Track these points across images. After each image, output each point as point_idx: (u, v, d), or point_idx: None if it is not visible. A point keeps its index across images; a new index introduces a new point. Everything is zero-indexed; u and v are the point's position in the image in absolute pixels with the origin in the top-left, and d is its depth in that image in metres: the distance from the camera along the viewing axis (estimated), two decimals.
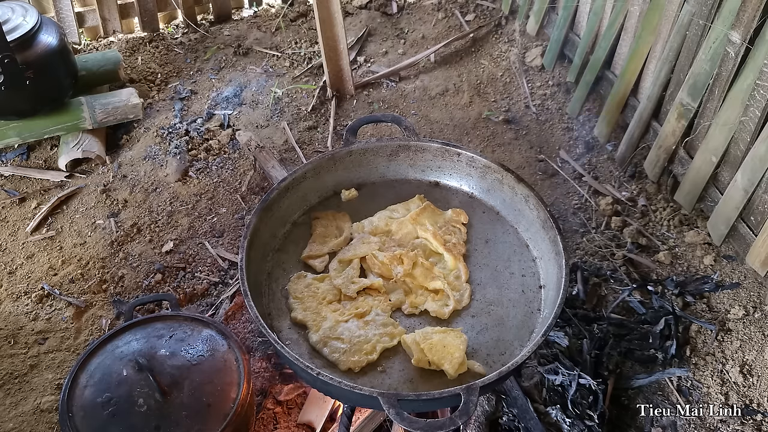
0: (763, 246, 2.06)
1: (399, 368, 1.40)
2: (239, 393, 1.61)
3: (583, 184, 2.57)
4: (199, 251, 2.38)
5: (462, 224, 1.65)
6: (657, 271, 2.23)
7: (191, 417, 1.55)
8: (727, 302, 2.09)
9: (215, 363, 1.66)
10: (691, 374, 1.95)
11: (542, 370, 1.90)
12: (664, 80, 2.37)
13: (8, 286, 2.27)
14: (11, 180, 2.61)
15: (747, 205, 2.11)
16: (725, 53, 2.05)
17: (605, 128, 2.69)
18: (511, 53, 3.13)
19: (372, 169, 1.76)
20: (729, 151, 2.14)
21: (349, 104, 2.98)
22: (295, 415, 1.93)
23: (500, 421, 1.84)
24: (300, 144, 2.78)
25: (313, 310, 1.47)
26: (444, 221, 1.64)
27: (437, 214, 1.66)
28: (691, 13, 2.17)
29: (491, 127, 2.85)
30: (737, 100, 2.04)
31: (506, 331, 1.47)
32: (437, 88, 3.03)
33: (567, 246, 1.48)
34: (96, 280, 2.28)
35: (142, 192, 2.57)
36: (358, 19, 3.42)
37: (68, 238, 2.41)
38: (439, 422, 1.17)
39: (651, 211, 2.43)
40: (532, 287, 1.55)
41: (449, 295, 1.50)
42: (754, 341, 1.98)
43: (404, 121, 1.76)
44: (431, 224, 1.62)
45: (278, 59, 3.20)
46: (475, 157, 1.69)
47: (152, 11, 3.29)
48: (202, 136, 2.78)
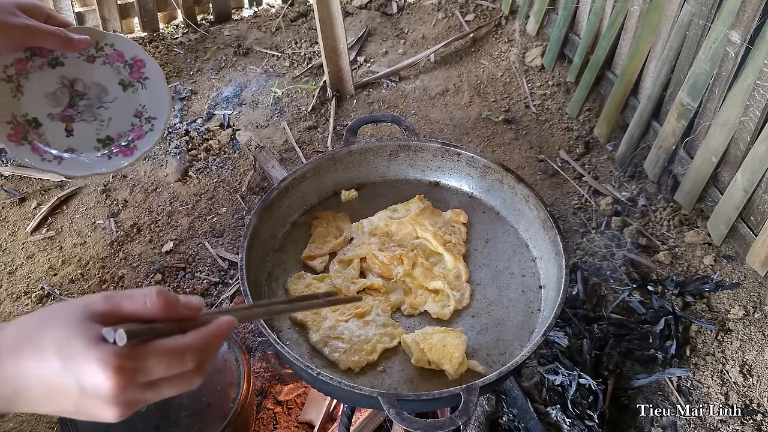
0: (763, 246, 2.06)
1: (399, 368, 1.40)
2: (239, 393, 1.61)
3: (583, 184, 2.58)
4: (199, 251, 2.38)
5: (462, 224, 1.65)
6: (657, 271, 2.23)
7: (191, 417, 1.55)
8: (727, 302, 2.09)
9: (215, 363, 1.66)
10: (691, 374, 1.95)
11: (542, 370, 1.90)
12: (664, 80, 2.37)
13: (8, 286, 2.27)
14: (11, 180, 2.61)
15: (747, 205, 2.11)
16: (725, 53, 2.05)
17: (605, 128, 2.69)
18: (511, 53, 3.13)
19: (372, 169, 1.76)
20: (729, 151, 2.14)
21: (349, 104, 2.98)
22: (295, 415, 1.93)
23: (500, 421, 1.84)
24: (300, 144, 2.78)
25: (313, 310, 1.46)
26: (444, 221, 1.64)
27: (437, 215, 1.66)
28: (691, 13, 2.17)
29: (491, 127, 2.85)
30: (737, 100, 2.04)
31: (506, 331, 1.47)
32: (437, 88, 3.03)
33: (567, 246, 1.48)
34: (96, 280, 2.28)
35: (142, 192, 2.57)
36: (358, 19, 3.42)
37: (68, 238, 2.41)
38: (439, 422, 1.17)
39: (651, 211, 2.43)
40: (532, 287, 1.55)
41: (450, 295, 1.49)
42: (754, 341, 1.98)
43: (404, 121, 1.76)
44: (431, 224, 1.61)
45: (278, 59, 3.20)
46: (475, 157, 1.69)
47: (152, 11, 3.28)
48: (202, 136, 2.78)
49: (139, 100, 1.32)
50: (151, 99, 1.32)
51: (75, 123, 1.26)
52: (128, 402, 0.73)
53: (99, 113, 1.28)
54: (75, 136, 1.25)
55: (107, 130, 1.28)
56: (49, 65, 1.24)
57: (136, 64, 1.30)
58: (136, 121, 1.31)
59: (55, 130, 1.24)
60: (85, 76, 1.28)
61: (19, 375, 0.73)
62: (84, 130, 1.26)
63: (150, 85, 1.32)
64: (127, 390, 0.72)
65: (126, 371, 0.71)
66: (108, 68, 1.30)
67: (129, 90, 1.31)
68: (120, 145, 1.29)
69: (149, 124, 1.31)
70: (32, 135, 1.21)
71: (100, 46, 1.28)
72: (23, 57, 1.21)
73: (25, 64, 1.21)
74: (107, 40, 1.29)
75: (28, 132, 1.21)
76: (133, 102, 1.31)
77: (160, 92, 1.32)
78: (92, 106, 1.28)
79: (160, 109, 1.32)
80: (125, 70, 1.30)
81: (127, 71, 1.30)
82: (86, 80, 1.27)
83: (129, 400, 0.73)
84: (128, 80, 1.31)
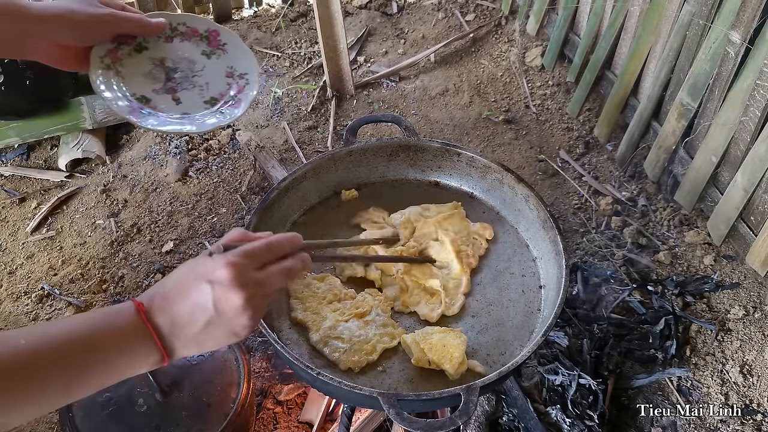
0: (763, 246, 2.06)
1: (399, 368, 1.40)
2: (239, 393, 1.61)
3: (583, 184, 2.58)
4: (200, 251, 2.39)
5: (485, 239, 1.63)
6: (657, 271, 2.23)
7: (191, 417, 1.55)
8: (727, 302, 2.09)
9: (215, 363, 1.66)
10: (691, 374, 1.95)
11: (542, 370, 1.90)
12: (664, 80, 2.37)
13: (8, 286, 2.27)
14: (11, 180, 2.61)
15: (747, 205, 2.11)
16: (725, 53, 2.05)
17: (605, 128, 2.69)
18: (511, 53, 3.13)
19: (372, 169, 1.76)
20: (729, 151, 2.14)
21: (349, 104, 2.98)
22: (296, 415, 1.94)
23: (500, 421, 1.85)
24: (300, 144, 2.78)
25: (313, 310, 1.46)
26: (468, 232, 1.62)
27: (464, 224, 1.63)
28: (691, 13, 2.17)
29: (491, 127, 2.85)
30: (737, 100, 2.04)
31: (506, 331, 1.47)
32: (437, 88, 3.03)
33: (567, 246, 1.48)
34: (96, 280, 2.28)
35: (142, 192, 2.57)
36: (358, 19, 3.42)
37: (68, 238, 2.41)
38: (439, 422, 1.17)
39: (651, 211, 2.43)
40: (532, 287, 1.55)
41: (441, 299, 1.49)
42: (754, 341, 1.98)
43: (404, 121, 1.76)
44: (454, 231, 1.60)
45: (278, 59, 3.21)
46: (475, 157, 1.69)
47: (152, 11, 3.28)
48: (202, 136, 2.78)
49: (226, 62, 1.42)
50: (235, 59, 1.43)
51: (179, 93, 1.36)
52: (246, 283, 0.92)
53: (195, 81, 1.38)
54: (183, 103, 1.35)
55: (208, 92, 1.38)
56: (136, 50, 1.35)
57: (211, 35, 1.43)
58: (230, 80, 1.41)
59: (165, 101, 1.34)
60: (170, 53, 1.39)
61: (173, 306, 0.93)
62: (189, 96, 1.37)
63: (230, 48, 1.43)
64: (242, 273, 0.92)
65: (234, 262, 0.92)
66: (187, 44, 1.41)
67: (213, 57, 1.42)
68: (225, 101, 1.38)
69: (243, 80, 1.42)
70: (148, 108, 1.31)
71: (174, 26, 1.40)
72: (112, 47, 1.31)
73: (115, 53, 1.31)
74: (179, 20, 1.41)
75: (143, 107, 1.31)
76: (220, 66, 1.42)
77: (241, 51, 1.43)
78: (187, 76, 1.38)
79: (247, 64, 1.43)
80: (203, 42, 1.42)
81: (205, 43, 1.42)
82: (173, 57, 1.39)
83: (247, 282, 0.92)
84: (209, 50, 1.42)
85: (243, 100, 1.38)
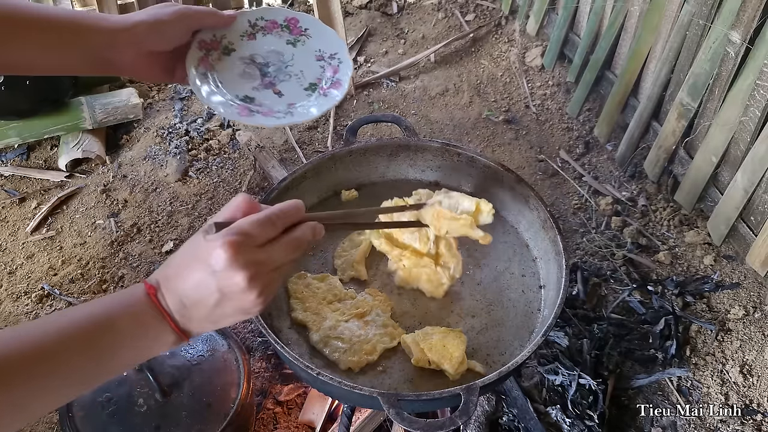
0: (763, 246, 2.06)
1: (399, 368, 1.40)
2: (239, 393, 1.61)
3: (583, 184, 2.58)
4: None
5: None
6: (657, 271, 2.23)
7: (191, 417, 1.55)
8: (727, 302, 2.09)
9: (215, 363, 1.66)
10: (691, 374, 1.95)
11: (542, 370, 1.90)
12: (664, 80, 2.37)
13: (8, 286, 2.27)
14: (11, 180, 2.61)
15: (747, 205, 2.11)
16: (725, 53, 2.05)
17: (605, 128, 2.69)
18: (511, 53, 3.13)
19: (372, 169, 1.76)
20: (729, 151, 2.14)
21: (349, 104, 2.98)
22: (295, 415, 1.93)
23: (500, 421, 1.85)
24: (300, 144, 2.79)
25: (313, 310, 1.46)
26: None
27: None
28: (691, 13, 2.17)
29: (491, 127, 2.85)
30: (737, 100, 2.04)
31: (506, 331, 1.47)
32: (437, 88, 3.03)
33: (567, 246, 1.48)
34: (96, 280, 2.28)
35: (142, 192, 2.57)
36: (358, 19, 3.42)
37: (68, 238, 2.41)
38: (439, 422, 1.17)
39: (651, 211, 2.43)
40: (532, 287, 1.55)
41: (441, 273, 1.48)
42: (754, 341, 1.98)
43: (404, 121, 1.76)
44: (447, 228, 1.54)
45: None
46: (475, 157, 1.69)
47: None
48: (202, 136, 2.78)
49: (312, 47, 1.41)
50: (321, 42, 1.42)
51: (278, 86, 1.36)
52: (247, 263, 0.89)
53: (289, 71, 1.38)
54: (286, 95, 1.35)
55: (306, 79, 1.38)
56: (224, 53, 1.35)
57: (291, 23, 1.42)
58: (322, 63, 1.40)
59: (268, 97, 1.34)
60: (257, 50, 1.38)
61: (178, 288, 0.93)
62: (288, 87, 1.36)
63: (312, 33, 1.42)
64: (241, 253, 0.89)
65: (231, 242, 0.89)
66: (270, 37, 1.40)
67: (298, 45, 1.41)
68: (324, 85, 1.38)
69: (335, 59, 1.41)
70: (254, 107, 1.31)
71: (253, 23, 1.39)
72: (202, 55, 1.31)
73: (206, 60, 1.32)
74: (256, 15, 1.41)
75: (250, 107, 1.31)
76: (308, 51, 1.41)
77: (325, 33, 1.42)
78: (280, 68, 1.38)
79: (334, 44, 1.42)
80: (285, 32, 1.41)
81: (287, 32, 1.41)
82: (260, 52, 1.38)
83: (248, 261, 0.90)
84: (293, 38, 1.42)
85: (342, 78, 1.37)
